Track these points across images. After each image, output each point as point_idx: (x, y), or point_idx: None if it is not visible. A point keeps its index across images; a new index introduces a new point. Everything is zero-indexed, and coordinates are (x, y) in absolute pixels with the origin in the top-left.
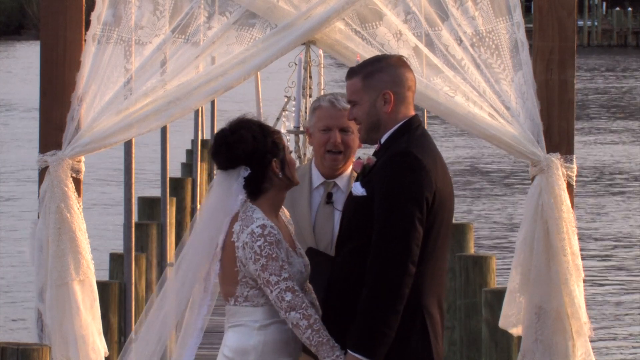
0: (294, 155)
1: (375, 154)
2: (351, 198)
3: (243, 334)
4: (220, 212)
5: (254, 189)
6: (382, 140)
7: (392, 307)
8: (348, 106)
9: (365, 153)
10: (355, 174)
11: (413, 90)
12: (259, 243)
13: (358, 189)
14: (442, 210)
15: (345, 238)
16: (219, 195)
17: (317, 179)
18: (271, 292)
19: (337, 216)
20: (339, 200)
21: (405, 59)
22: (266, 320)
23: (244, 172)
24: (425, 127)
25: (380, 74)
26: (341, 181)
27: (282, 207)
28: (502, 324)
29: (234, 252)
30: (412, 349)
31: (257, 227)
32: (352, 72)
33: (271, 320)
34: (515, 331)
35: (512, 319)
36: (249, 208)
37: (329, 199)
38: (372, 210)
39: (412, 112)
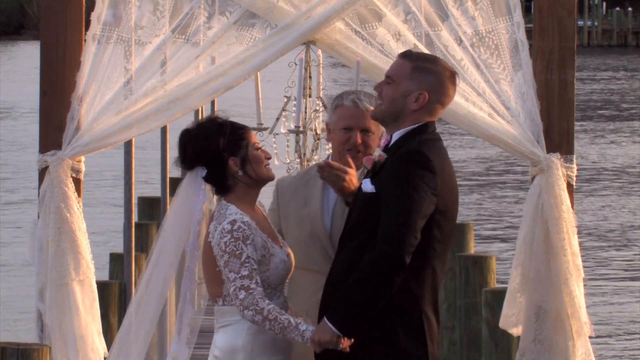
0: (293, 155)
1: (385, 150)
2: (360, 194)
3: (232, 333)
4: (184, 213)
5: (219, 188)
6: (395, 136)
7: (380, 290)
8: (370, 107)
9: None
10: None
11: (445, 105)
12: (225, 239)
13: (368, 186)
14: (443, 218)
15: (350, 233)
16: (182, 196)
17: None
18: (230, 288)
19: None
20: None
21: (456, 76)
22: None
23: (201, 172)
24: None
25: (430, 75)
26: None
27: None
28: (502, 324)
29: (212, 251)
30: (409, 352)
31: (227, 223)
32: (407, 55)
33: None
34: (516, 331)
35: (513, 319)
36: (222, 205)
37: None
38: (379, 207)
39: (434, 120)
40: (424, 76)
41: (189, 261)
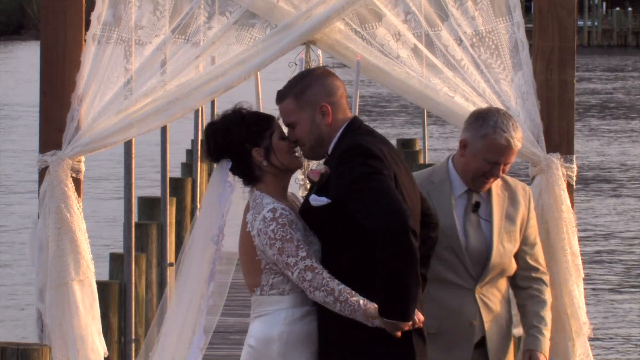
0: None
1: (326, 162)
2: (311, 210)
3: (268, 322)
4: (214, 204)
5: (247, 178)
6: (331, 148)
7: (408, 264)
8: (519, 144)
9: None
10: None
11: (345, 96)
12: (272, 227)
13: (317, 199)
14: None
15: (328, 247)
16: (212, 188)
17: (460, 187)
18: (292, 274)
19: (485, 225)
20: (484, 210)
21: (329, 68)
22: (293, 310)
23: (227, 164)
24: (425, 127)
25: (312, 89)
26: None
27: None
28: None
29: (252, 241)
30: (398, 353)
31: (267, 211)
32: (282, 95)
33: (299, 310)
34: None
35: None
36: (257, 196)
37: (475, 207)
38: (331, 215)
39: (350, 114)
40: (308, 94)
41: (214, 255)
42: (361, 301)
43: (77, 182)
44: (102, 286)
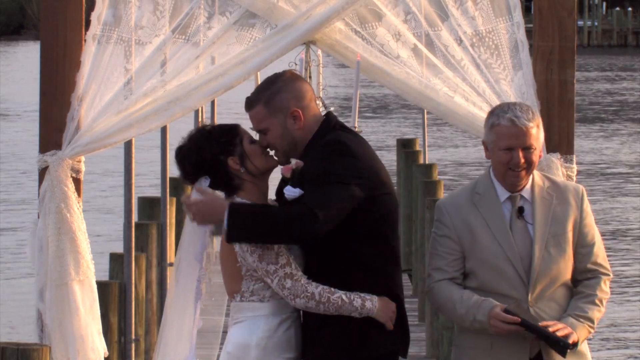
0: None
1: (302, 156)
2: (285, 202)
3: (247, 329)
4: (196, 226)
5: (228, 189)
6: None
7: (277, 235)
8: (529, 123)
9: None
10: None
11: (314, 98)
12: None
13: (292, 192)
14: (387, 197)
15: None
16: None
17: (502, 193)
18: (272, 281)
19: (531, 230)
20: (529, 213)
21: (296, 72)
22: (273, 317)
23: (205, 182)
24: (425, 127)
25: (281, 94)
26: (526, 193)
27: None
28: None
29: (232, 248)
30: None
31: None
32: (252, 102)
33: (277, 317)
34: None
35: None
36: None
37: (520, 213)
38: None
39: (320, 113)
40: (279, 100)
41: (198, 272)
42: (343, 296)
43: (77, 182)
44: (102, 286)
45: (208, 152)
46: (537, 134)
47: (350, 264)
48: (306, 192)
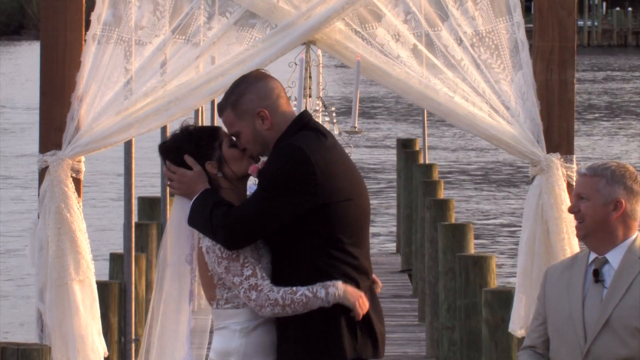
0: None
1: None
2: None
3: (226, 336)
4: (181, 225)
5: None
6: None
7: (207, 228)
8: (587, 172)
9: None
10: None
11: (283, 95)
12: (219, 245)
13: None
14: (346, 204)
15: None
16: (175, 210)
17: (592, 255)
18: (239, 292)
19: (604, 294)
20: (608, 277)
21: (263, 70)
22: (249, 322)
23: None
24: (425, 127)
25: (245, 97)
26: (612, 256)
27: None
28: (511, 328)
29: (204, 257)
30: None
31: None
32: (221, 107)
33: (254, 322)
34: (520, 333)
35: (521, 322)
36: None
37: (595, 276)
38: None
39: (292, 110)
40: (244, 102)
41: (189, 273)
42: (306, 292)
43: (77, 182)
44: (102, 286)
45: (188, 153)
46: (592, 183)
47: (308, 270)
48: (249, 198)
